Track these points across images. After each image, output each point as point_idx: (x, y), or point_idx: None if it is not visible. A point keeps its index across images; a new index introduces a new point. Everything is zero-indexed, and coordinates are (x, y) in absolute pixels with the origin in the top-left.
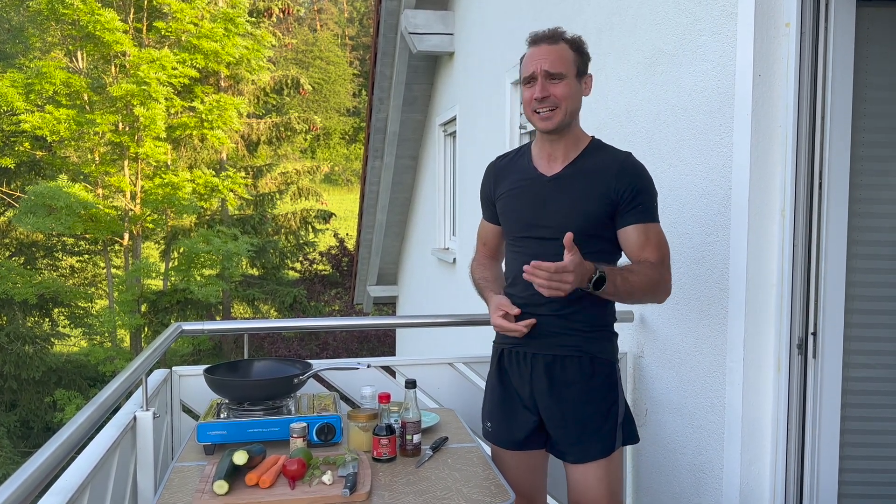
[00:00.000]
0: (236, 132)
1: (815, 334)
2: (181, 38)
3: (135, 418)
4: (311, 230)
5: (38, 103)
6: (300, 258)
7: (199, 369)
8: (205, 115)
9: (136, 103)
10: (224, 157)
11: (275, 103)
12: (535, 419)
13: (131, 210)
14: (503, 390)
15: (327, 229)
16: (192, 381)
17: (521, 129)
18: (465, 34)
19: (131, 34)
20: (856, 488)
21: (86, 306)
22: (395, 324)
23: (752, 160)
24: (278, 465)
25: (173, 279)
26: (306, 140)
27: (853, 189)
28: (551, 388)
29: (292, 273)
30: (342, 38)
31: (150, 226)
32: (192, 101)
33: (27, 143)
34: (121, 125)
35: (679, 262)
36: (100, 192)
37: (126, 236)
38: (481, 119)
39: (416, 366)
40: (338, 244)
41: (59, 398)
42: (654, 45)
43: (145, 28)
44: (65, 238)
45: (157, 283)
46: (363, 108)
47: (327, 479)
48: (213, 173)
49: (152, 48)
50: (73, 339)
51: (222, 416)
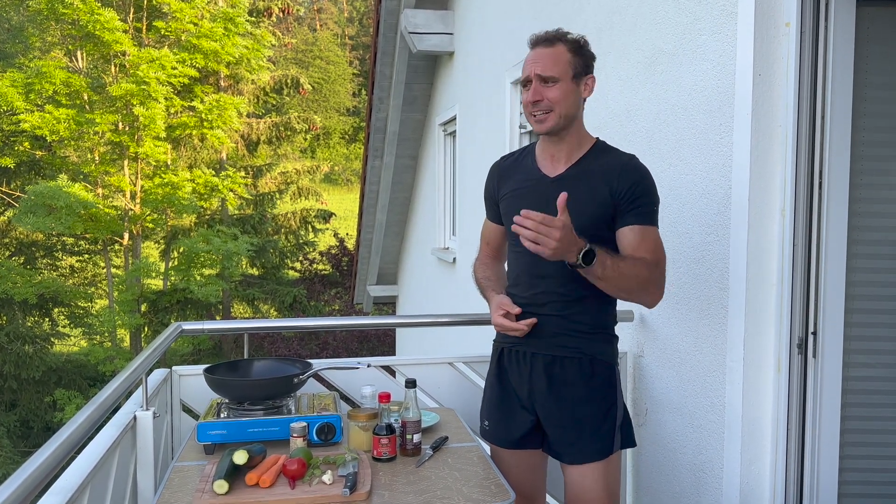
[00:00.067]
0: (236, 132)
1: (815, 334)
2: (181, 38)
3: (135, 418)
4: (310, 230)
5: (38, 103)
6: (300, 258)
7: (199, 369)
8: (204, 115)
9: (135, 103)
10: (224, 157)
11: (275, 103)
12: (532, 419)
13: (131, 210)
14: (501, 389)
15: (327, 229)
16: (192, 380)
17: (521, 128)
18: (464, 34)
19: (131, 34)
20: (856, 488)
21: (86, 306)
22: (395, 323)
23: (752, 160)
24: (278, 464)
25: (173, 279)
26: (306, 140)
27: (853, 189)
28: (550, 387)
29: (292, 273)
30: (342, 37)
31: (150, 225)
32: (191, 101)
33: (27, 143)
34: (120, 125)
35: (679, 262)
36: (100, 191)
37: (126, 236)
38: (481, 119)
39: (416, 365)
40: (338, 244)
41: (59, 398)
42: (654, 45)
43: (145, 28)
44: (65, 238)
45: (156, 283)
46: (363, 107)
47: (327, 478)
48: (213, 173)
49: (152, 48)
50: (72, 338)
51: (222, 415)
